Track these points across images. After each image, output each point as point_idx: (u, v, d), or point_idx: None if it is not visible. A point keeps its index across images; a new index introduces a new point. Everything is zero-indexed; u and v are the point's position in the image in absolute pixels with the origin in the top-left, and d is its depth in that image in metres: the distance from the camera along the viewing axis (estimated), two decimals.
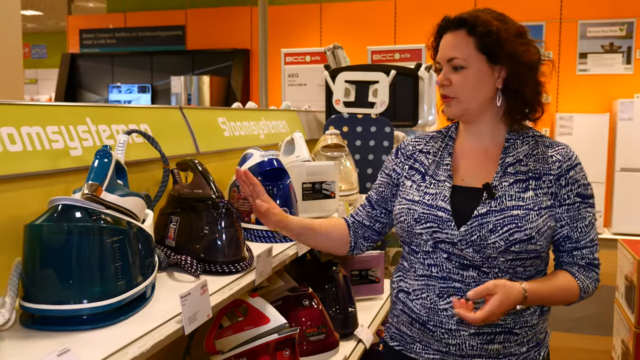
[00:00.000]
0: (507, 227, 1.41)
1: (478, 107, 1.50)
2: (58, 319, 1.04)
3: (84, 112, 1.47)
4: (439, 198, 1.50)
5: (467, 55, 1.46)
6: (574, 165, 1.49)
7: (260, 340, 1.56)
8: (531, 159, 1.50)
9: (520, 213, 1.43)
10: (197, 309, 1.14)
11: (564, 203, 1.47)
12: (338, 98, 2.88)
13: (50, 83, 12.49)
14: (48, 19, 13.94)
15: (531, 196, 1.45)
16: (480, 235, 1.43)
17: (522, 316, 1.48)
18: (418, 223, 1.50)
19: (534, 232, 1.42)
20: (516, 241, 1.41)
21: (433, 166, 1.57)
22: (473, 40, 1.46)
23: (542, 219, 1.44)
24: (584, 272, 1.49)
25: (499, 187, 1.47)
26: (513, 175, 1.48)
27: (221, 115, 2.18)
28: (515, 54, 1.45)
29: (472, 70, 1.46)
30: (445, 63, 1.50)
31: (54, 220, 1.05)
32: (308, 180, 2.03)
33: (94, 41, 10.51)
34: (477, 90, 1.48)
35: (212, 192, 1.45)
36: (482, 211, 1.44)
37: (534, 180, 1.47)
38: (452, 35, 1.49)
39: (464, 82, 1.47)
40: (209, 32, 9.69)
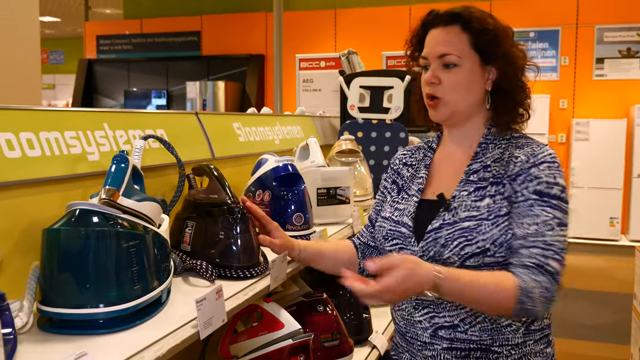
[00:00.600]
0: (457, 240, 1.31)
1: (466, 109, 1.40)
2: (75, 322, 1.05)
3: (101, 117, 1.48)
4: (405, 214, 1.43)
5: (461, 52, 1.36)
6: (537, 163, 1.32)
7: (275, 345, 1.56)
8: (498, 163, 1.37)
9: (471, 224, 1.31)
10: (212, 314, 1.14)
11: (517, 201, 1.31)
12: (353, 103, 2.88)
13: (68, 88, 12.63)
14: (66, 25, 14.10)
15: (487, 204, 1.32)
16: (435, 251, 1.34)
17: (501, 332, 1.34)
18: (386, 240, 1.45)
19: (487, 243, 1.29)
20: (468, 255, 1.29)
21: (409, 180, 1.50)
22: (467, 37, 1.36)
23: (498, 228, 1.30)
24: (530, 275, 1.25)
25: (457, 197, 1.36)
26: (474, 183, 1.36)
27: (236, 120, 2.19)
28: (508, 54, 1.37)
29: (465, 69, 1.36)
30: (436, 59, 1.38)
31: (72, 225, 1.06)
32: (323, 186, 2.03)
33: (111, 47, 10.61)
34: (468, 91, 1.38)
35: (228, 197, 1.46)
36: (435, 225, 1.35)
37: (493, 186, 1.34)
38: (444, 31, 1.38)
39: (456, 81, 1.37)
40: (224, 37, 9.74)
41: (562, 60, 7.97)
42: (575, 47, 7.96)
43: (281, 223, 1.71)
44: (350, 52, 3.34)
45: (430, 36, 1.41)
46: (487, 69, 1.38)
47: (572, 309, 5.04)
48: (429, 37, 1.41)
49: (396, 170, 1.57)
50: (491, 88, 1.39)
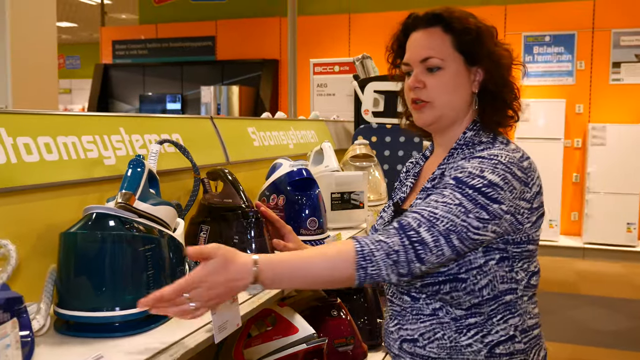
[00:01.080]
0: None
1: (453, 113, 1.32)
2: (91, 325, 1.06)
3: (117, 122, 1.50)
4: (383, 222, 1.40)
5: (444, 55, 1.29)
6: (468, 157, 1.24)
7: (289, 350, 1.57)
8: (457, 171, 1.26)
9: None
10: (227, 318, 1.15)
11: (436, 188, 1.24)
12: (367, 108, 2.88)
13: (84, 93, 12.75)
14: (82, 30, 14.25)
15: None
16: None
17: (460, 352, 1.24)
18: None
19: None
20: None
21: (398, 188, 1.49)
22: (450, 38, 1.29)
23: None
24: (376, 235, 1.13)
25: (413, 205, 1.28)
26: (428, 190, 1.30)
27: (251, 125, 2.20)
28: (493, 54, 1.30)
29: (450, 71, 1.29)
30: (418, 64, 1.31)
31: (88, 229, 1.07)
32: (337, 190, 2.03)
33: (126, 52, 10.70)
34: (454, 93, 1.30)
35: (242, 201, 1.46)
36: None
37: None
38: (425, 33, 1.32)
39: (441, 84, 1.29)
40: (239, 42, 9.78)
41: (578, 65, 7.91)
42: (592, 51, 7.90)
43: (295, 227, 1.71)
44: (364, 56, 3.34)
45: (411, 40, 1.35)
46: (473, 69, 1.30)
47: (588, 315, 4.99)
48: (410, 41, 1.35)
49: (400, 177, 1.53)
50: (478, 89, 1.32)
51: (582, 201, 7.44)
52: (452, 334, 1.25)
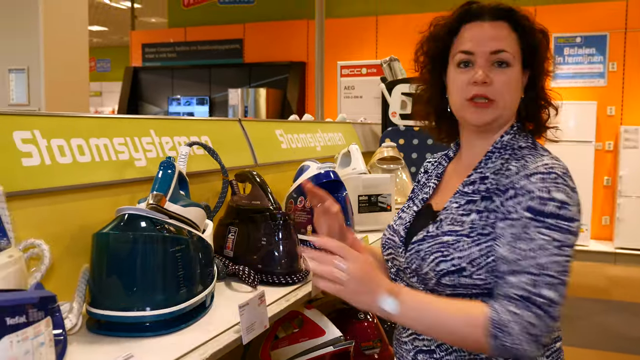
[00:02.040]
0: (434, 255, 1.18)
1: (510, 115, 1.25)
2: (122, 325, 1.07)
3: (148, 124, 1.52)
4: (402, 222, 1.33)
5: (514, 51, 1.21)
6: (530, 175, 1.14)
7: (316, 352, 1.57)
8: (496, 176, 1.21)
9: (450, 239, 1.17)
10: (255, 320, 1.16)
11: (507, 217, 1.14)
12: (394, 110, 2.87)
13: (114, 95, 12.95)
14: (112, 34, 14.49)
15: (472, 219, 1.18)
16: (417, 264, 1.21)
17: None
18: (384, 249, 1.35)
19: (464, 262, 1.14)
20: (444, 272, 1.16)
21: (420, 188, 1.41)
22: (516, 36, 1.22)
23: (478, 247, 1.15)
24: (508, 306, 1.08)
25: (448, 208, 1.23)
26: (467, 195, 1.22)
27: (278, 127, 2.21)
28: (545, 60, 1.25)
29: (515, 70, 1.22)
30: (488, 56, 1.21)
31: (121, 229, 1.08)
32: (364, 193, 2.03)
33: (156, 55, 10.83)
34: (514, 95, 1.23)
35: (270, 203, 1.47)
36: (419, 237, 1.23)
37: (483, 201, 1.19)
38: (492, 25, 1.23)
39: (508, 83, 1.21)
40: (266, 45, 9.84)
41: (609, 66, 7.77)
42: (624, 53, 7.75)
43: None
44: (391, 59, 3.33)
45: (472, 29, 1.24)
46: (525, 72, 1.25)
47: (617, 321, 4.89)
48: (472, 31, 1.24)
49: (418, 179, 1.46)
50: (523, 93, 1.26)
51: (614, 205, 7.30)
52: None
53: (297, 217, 1.77)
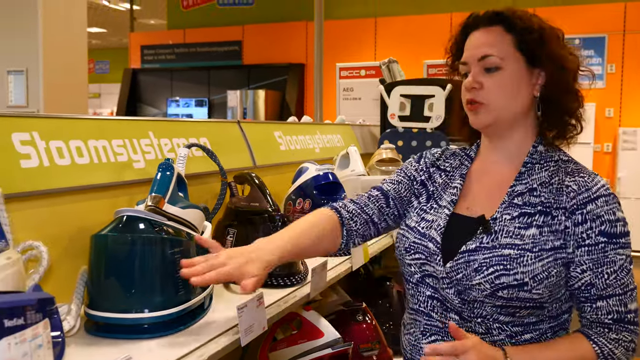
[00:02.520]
0: (493, 267, 1.18)
1: (511, 116, 1.26)
2: (120, 327, 1.07)
3: (146, 126, 1.52)
4: (433, 227, 1.30)
5: (504, 53, 1.24)
6: (594, 198, 1.20)
7: (314, 354, 1.57)
8: (546, 189, 1.24)
9: (512, 253, 1.19)
10: (253, 321, 1.15)
11: (582, 244, 1.19)
12: (393, 112, 2.87)
13: (113, 97, 12.95)
14: (111, 35, 14.49)
15: (533, 234, 1.20)
16: (465, 274, 1.21)
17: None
18: (408, 253, 1.32)
19: (527, 277, 1.17)
20: (503, 286, 1.18)
21: (441, 187, 1.37)
22: (511, 37, 1.25)
23: (541, 262, 1.18)
24: (608, 334, 1.19)
25: (498, 220, 1.23)
26: (519, 207, 1.24)
27: (277, 129, 2.21)
28: (557, 56, 1.24)
29: (509, 71, 1.24)
30: (476, 63, 1.26)
31: (119, 231, 1.08)
32: None
33: (155, 57, 10.84)
34: (512, 95, 1.25)
35: (269, 205, 1.47)
36: (471, 247, 1.22)
37: (542, 216, 1.22)
38: (485, 32, 1.27)
39: (499, 85, 1.24)
40: (265, 47, 9.85)
41: (608, 68, 7.78)
42: (622, 55, 7.76)
43: None
44: (390, 60, 3.33)
45: (470, 39, 1.30)
46: (535, 72, 1.25)
47: None
48: (469, 41, 1.30)
49: (427, 168, 1.42)
50: (539, 94, 1.26)
51: None
52: None
53: (295, 218, 1.76)
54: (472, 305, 1.22)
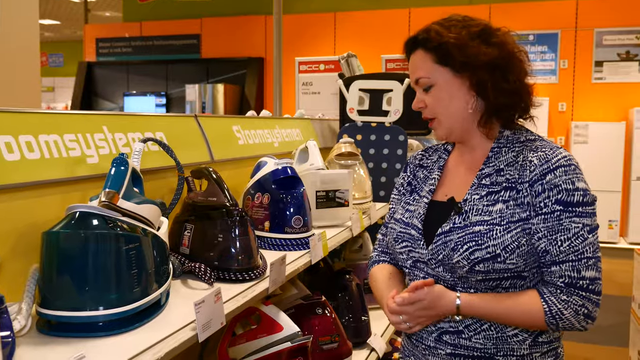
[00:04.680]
0: (467, 244, 1.30)
1: (461, 121, 1.39)
2: (74, 325, 1.05)
3: (100, 120, 1.49)
4: (414, 215, 1.44)
5: (429, 72, 1.38)
6: (553, 169, 1.29)
7: (273, 348, 1.57)
8: (512, 167, 1.35)
9: (482, 229, 1.30)
10: (211, 317, 1.15)
11: (540, 212, 1.29)
12: (352, 106, 2.89)
13: (67, 91, 12.65)
14: (65, 28, 14.13)
15: (500, 209, 1.31)
16: (444, 254, 1.34)
17: (507, 342, 1.34)
18: (396, 242, 1.46)
19: (498, 249, 1.28)
20: (478, 260, 1.29)
21: (422, 181, 1.51)
22: (430, 55, 1.38)
23: (509, 234, 1.29)
24: (559, 295, 1.28)
25: (468, 201, 1.36)
26: (487, 187, 1.35)
27: (236, 123, 2.20)
28: (469, 59, 1.34)
29: (440, 85, 1.38)
30: (416, 86, 1.43)
31: (71, 228, 1.06)
32: (322, 189, 2.03)
33: (110, 50, 10.63)
34: (451, 104, 1.38)
35: (227, 200, 1.46)
36: (445, 228, 1.35)
37: (507, 191, 1.33)
38: (413, 57, 1.42)
39: (437, 99, 1.39)
40: (224, 40, 9.76)
41: (561, 64, 7.99)
42: (575, 50, 7.98)
43: (280, 226, 1.72)
44: (349, 55, 3.34)
45: (409, 65, 1.45)
46: (463, 76, 1.36)
47: None
48: (409, 65, 1.46)
49: (412, 171, 1.57)
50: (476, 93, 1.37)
51: None
52: (500, 325, 1.34)
53: (254, 213, 1.76)
54: (461, 281, 1.34)
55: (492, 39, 1.37)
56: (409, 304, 1.32)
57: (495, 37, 1.37)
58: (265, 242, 1.73)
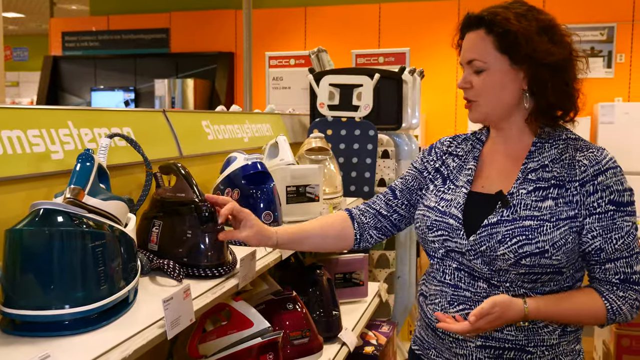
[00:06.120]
0: (516, 238, 1.33)
1: (502, 110, 1.40)
2: (39, 324, 1.03)
3: (65, 115, 1.46)
4: (453, 205, 1.44)
5: (487, 57, 1.37)
6: (603, 170, 1.34)
7: (244, 344, 1.56)
8: (557, 164, 1.38)
9: (533, 224, 1.33)
10: (180, 314, 1.14)
11: (594, 212, 1.33)
12: (322, 101, 2.89)
13: (32, 86, 12.38)
14: (30, 21, 13.83)
15: (550, 206, 1.34)
16: (489, 245, 1.35)
17: (538, 334, 1.38)
18: (430, 230, 1.46)
19: (547, 245, 1.31)
20: (526, 254, 1.32)
21: (456, 170, 1.51)
22: (492, 39, 1.36)
23: (559, 231, 1.32)
24: (616, 292, 1.35)
25: (515, 194, 1.37)
26: (534, 182, 1.38)
27: (205, 118, 2.18)
28: (534, 55, 1.34)
29: (494, 72, 1.37)
30: (466, 65, 1.42)
31: (35, 225, 1.04)
32: (292, 184, 2.03)
33: (77, 44, 10.43)
34: (499, 93, 1.38)
35: (195, 195, 1.44)
36: (492, 220, 1.37)
37: (556, 189, 1.36)
38: (472, 35, 1.40)
39: (485, 85, 1.38)
40: (193, 35, 9.65)
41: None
42: None
43: None
44: (319, 50, 3.34)
45: (463, 42, 1.43)
46: (519, 69, 1.36)
47: None
48: (463, 42, 1.43)
49: (439, 156, 1.56)
50: (527, 87, 1.38)
51: None
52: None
53: None
54: (498, 274, 1.36)
55: (556, 36, 1.37)
56: (480, 318, 1.30)
57: (558, 35, 1.37)
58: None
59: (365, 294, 2.63)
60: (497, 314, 1.30)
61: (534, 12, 1.38)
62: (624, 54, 7.94)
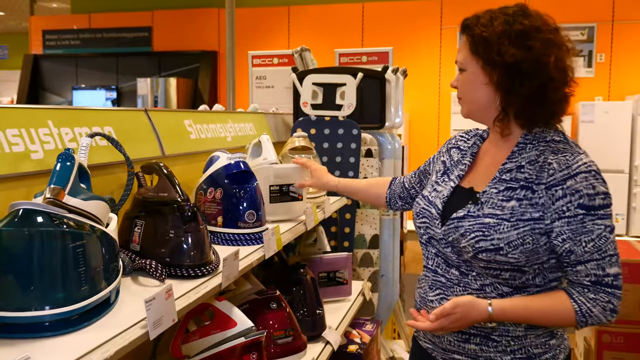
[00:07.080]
0: (474, 233, 1.40)
1: (478, 108, 1.49)
2: (19, 326, 1.02)
3: (45, 114, 1.44)
4: (439, 196, 1.55)
5: (464, 58, 1.48)
6: (573, 174, 1.35)
7: (227, 344, 1.55)
8: (532, 166, 1.41)
9: (491, 222, 1.39)
10: (162, 314, 1.13)
11: (563, 216, 1.35)
12: (305, 100, 2.89)
13: (12, 85, 12.22)
14: (10, 19, 13.65)
15: (512, 206, 1.39)
16: (454, 237, 1.45)
17: (503, 324, 1.43)
18: (417, 217, 1.59)
19: (502, 243, 1.36)
20: (482, 249, 1.38)
21: (454, 164, 1.60)
22: (468, 42, 1.47)
23: (516, 231, 1.36)
24: (587, 294, 1.36)
25: (487, 193, 1.44)
26: (506, 182, 1.43)
27: (188, 117, 2.17)
28: (500, 58, 1.38)
29: (469, 72, 1.47)
30: (456, 66, 1.53)
31: (15, 225, 1.02)
32: (275, 183, 2.03)
33: (58, 42, 10.32)
34: (473, 93, 1.48)
35: (178, 195, 1.44)
36: (460, 214, 1.45)
37: (523, 190, 1.39)
38: (462, 38, 1.52)
39: (463, 84, 1.50)
40: (176, 33, 9.60)
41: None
42: None
43: (233, 221, 1.71)
44: (303, 49, 3.34)
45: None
46: (492, 72, 1.42)
47: None
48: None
49: (448, 150, 1.66)
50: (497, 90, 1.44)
51: None
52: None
53: (206, 208, 1.74)
54: (466, 263, 1.45)
55: (530, 41, 1.37)
56: (442, 318, 1.39)
57: (535, 41, 1.37)
58: (218, 238, 1.72)
59: (349, 293, 2.63)
60: (459, 315, 1.37)
61: (515, 16, 1.41)
62: (604, 54, 8.03)
